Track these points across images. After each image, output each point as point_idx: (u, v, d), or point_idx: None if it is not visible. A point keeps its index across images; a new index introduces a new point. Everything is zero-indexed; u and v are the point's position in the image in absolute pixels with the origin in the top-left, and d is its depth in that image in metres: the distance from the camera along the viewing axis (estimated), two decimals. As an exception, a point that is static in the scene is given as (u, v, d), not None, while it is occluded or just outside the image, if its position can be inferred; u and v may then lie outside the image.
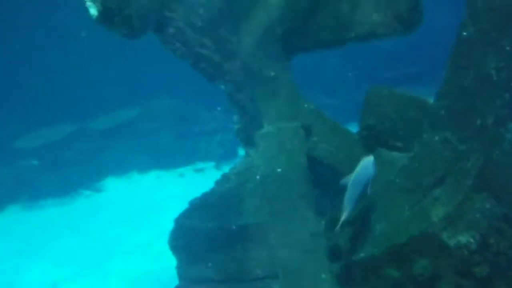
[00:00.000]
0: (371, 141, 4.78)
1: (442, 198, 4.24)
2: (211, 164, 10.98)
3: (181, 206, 5.20)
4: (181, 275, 5.12)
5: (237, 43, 5.20)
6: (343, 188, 4.21)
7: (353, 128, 5.17)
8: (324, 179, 4.98)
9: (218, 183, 5.14)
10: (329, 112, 5.30)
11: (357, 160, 4.33)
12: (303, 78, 5.61)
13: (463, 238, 4.02)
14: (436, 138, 4.27)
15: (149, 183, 10.81)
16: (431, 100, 4.58)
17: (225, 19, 5.20)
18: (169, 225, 5.13)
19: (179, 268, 5.12)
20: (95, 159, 11.28)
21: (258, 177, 4.83)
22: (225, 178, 5.14)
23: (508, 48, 4.03)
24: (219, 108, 11.45)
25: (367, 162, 4.18)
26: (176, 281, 5.18)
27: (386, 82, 5.18)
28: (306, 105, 5.16)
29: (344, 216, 4.20)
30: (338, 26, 5.02)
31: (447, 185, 4.24)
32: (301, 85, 5.26)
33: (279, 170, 4.77)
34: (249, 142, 5.34)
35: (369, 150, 4.65)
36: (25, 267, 8.41)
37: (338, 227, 4.28)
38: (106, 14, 4.94)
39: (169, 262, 5.26)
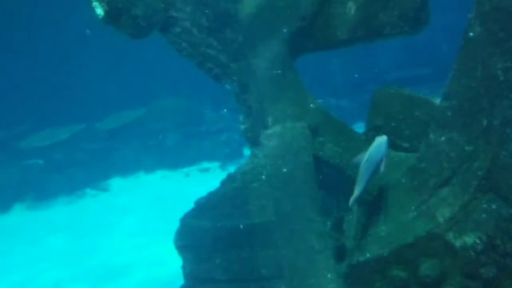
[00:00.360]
0: (378, 141, 4.77)
1: (449, 199, 4.22)
2: (217, 164, 10.99)
3: (187, 205, 5.21)
4: (187, 275, 5.12)
5: (244, 43, 5.20)
6: (356, 167, 4.23)
7: (360, 128, 5.17)
8: (330, 179, 4.98)
9: (223, 183, 5.14)
10: (335, 113, 5.30)
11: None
12: (310, 79, 5.61)
13: (469, 239, 4.00)
14: (443, 138, 4.25)
15: (155, 182, 10.84)
16: (437, 101, 4.57)
17: (232, 19, 5.20)
18: (175, 225, 5.14)
19: (184, 267, 5.12)
20: (101, 159, 11.33)
21: (264, 177, 4.83)
22: (230, 178, 5.14)
23: (515, 48, 4.00)
24: (225, 110, 11.48)
25: (380, 141, 4.21)
26: (181, 281, 5.19)
27: (392, 83, 5.17)
28: (312, 105, 5.15)
29: (355, 193, 4.21)
30: (344, 26, 5.01)
31: (454, 186, 4.22)
32: (307, 86, 5.26)
33: (285, 170, 4.77)
34: (255, 141, 5.33)
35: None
36: (28, 265, 8.45)
37: (350, 203, 4.26)
38: (112, 14, 4.96)
39: (175, 261, 5.26)
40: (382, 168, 4.19)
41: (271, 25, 5.13)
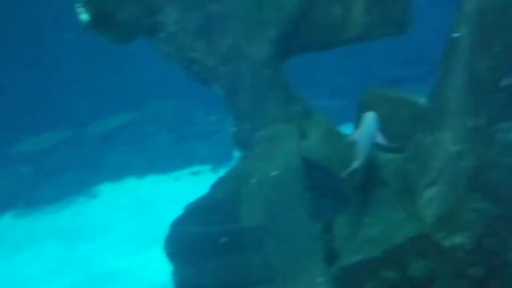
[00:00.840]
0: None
1: (437, 199, 4.25)
2: (208, 167, 10.96)
3: (177, 210, 5.19)
4: (178, 282, 5.10)
5: (231, 46, 5.20)
6: (353, 143, 4.40)
7: (350, 129, 5.17)
8: (320, 181, 4.98)
9: (213, 187, 5.14)
10: (328, 113, 5.31)
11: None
12: (302, 79, 5.62)
13: (458, 239, 4.03)
14: (429, 138, 4.28)
15: (145, 187, 10.76)
16: (424, 100, 4.60)
17: (219, 23, 5.20)
18: (165, 230, 5.12)
19: (175, 274, 5.10)
20: (90, 164, 11.24)
21: (253, 180, 4.83)
22: (220, 182, 5.14)
23: (498, 49, 4.04)
24: (215, 115, 11.44)
25: (370, 116, 4.38)
26: (172, 287, 5.17)
27: (384, 83, 5.21)
28: (301, 108, 5.16)
29: (356, 163, 4.32)
30: (331, 28, 5.04)
31: (442, 186, 4.25)
32: (300, 87, 5.28)
33: (274, 173, 4.77)
34: (245, 145, 5.34)
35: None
36: (18, 273, 8.39)
37: (349, 170, 4.35)
38: (97, 20, 4.93)
39: (165, 268, 5.24)
40: (381, 140, 4.32)
41: (259, 28, 5.14)
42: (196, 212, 4.99)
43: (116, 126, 11.40)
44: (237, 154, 7.45)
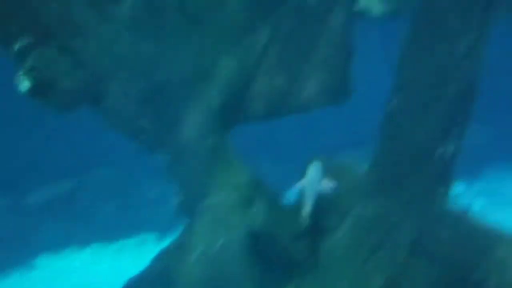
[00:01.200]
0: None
1: (381, 266, 4.26)
2: (153, 235, 10.68)
3: (119, 283, 4.95)
4: None
5: (176, 115, 5.20)
6: (300, 192, 4.50)
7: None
8: (265, 252, 4.90)
9: (156, 259, 4.95)
10: (274, 180, 5.31)
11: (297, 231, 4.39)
12: (253, 146, 5.64)
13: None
14: (370, 208, 4.36)
15: (86, 259, 10.33)
16: (366, 169, 4.70)
17: (164, 91, 5.21)
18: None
19: None
20: (28, 235, 10.72)
21: (196, 253, 4.69)
22: (163, 253, 4.97)
23: (433, 118, 4.23)
24: (161, 180, 11.26)
25: (315, 165, 4.47)
26: None
27: (333, 149, 5.31)
28: (245, 176, 5.15)
29: (304, 211, 4.38)
30: (274, 98, 5.15)
31: (385, 253, 4.28)
32: (250, 153, 5.29)
33: (217, 245, 4.66)
34: (189, 214, 5.22)
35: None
36: None
37: (304, 219, 4.39)
38: (38, 88, 4.83)
39: None
40: (327, 187, 4.38)
41: (202, 97, 5.19)
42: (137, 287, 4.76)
43: (55, 194, 11.04)
44: (183, 221, 7.31)
